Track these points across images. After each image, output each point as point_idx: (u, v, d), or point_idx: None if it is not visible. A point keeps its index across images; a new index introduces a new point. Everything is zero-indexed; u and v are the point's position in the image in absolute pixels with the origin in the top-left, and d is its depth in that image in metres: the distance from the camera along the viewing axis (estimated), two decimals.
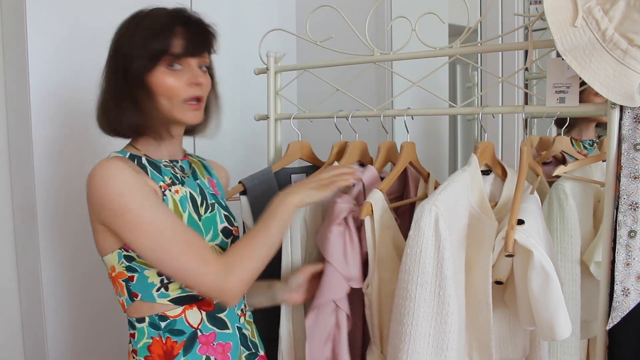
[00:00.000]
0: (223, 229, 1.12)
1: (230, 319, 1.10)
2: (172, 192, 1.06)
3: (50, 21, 1.51)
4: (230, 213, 1.18)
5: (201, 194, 1.13)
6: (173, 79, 1.03)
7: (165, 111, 1.05)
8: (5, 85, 1.57)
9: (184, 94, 1.04)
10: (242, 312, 1.15)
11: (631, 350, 0.99)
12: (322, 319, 1.15)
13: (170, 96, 1.03)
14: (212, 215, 1.12)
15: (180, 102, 1.04)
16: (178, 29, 1.03)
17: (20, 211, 1.58)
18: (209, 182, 1.19)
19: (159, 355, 1.04)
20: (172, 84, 1.03)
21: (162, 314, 1.04)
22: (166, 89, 1.03)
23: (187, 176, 1.13)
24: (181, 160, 1.15)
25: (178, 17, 1.05)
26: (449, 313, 0.97)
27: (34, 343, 1.60)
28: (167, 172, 1.09)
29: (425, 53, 1.25)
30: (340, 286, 1.14)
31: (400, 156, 1.25)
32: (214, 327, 1.07)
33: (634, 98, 0.94)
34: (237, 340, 1.10)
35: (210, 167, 1.24)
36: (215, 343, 1.07)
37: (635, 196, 0.98)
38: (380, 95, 1.84)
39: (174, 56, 1.02)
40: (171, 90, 1.03)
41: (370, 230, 1.13)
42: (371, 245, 1.14)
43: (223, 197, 1.22)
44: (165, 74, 1.03)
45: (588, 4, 0.95)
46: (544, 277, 0.95)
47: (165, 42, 1.02)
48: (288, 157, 1.44)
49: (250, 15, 2.05)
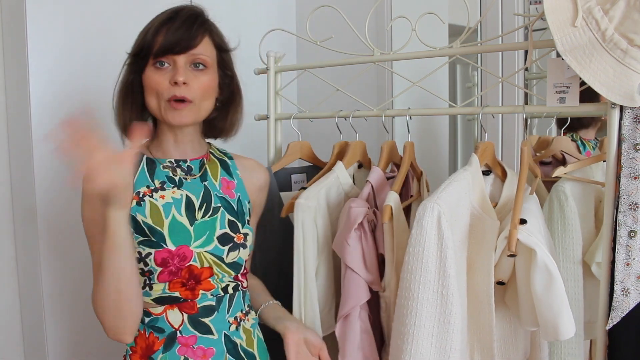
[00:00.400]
0: (221, 236, 1.08)
1: (217, 325, 1.08)
2: (155, 198, 1.06)
3: (50, 21, 1.50)
4: (240, 219, 1.12)
5: (203, 197, 1.10)
6: (157, 77, 1.03)
7: (155, 110, 1.06)
8: (5, 85, 1.56)
9: (165, 93, 1.03)
10: (234, 320, 1.11)
11: (631, 350, 0.99)
12: (351, 326, 1.13)
13: (156, 95, 1.04)
14: (210, 220, 1.08)
15: (164, 101, 1.04)
16: (165, 26, 1.03)
17: (20, 211, 1.58)
18: (221, 184, 1.14)
19: (142, 348, 1.06)
20: (156, 82, 1.03)
21: (147, 309, 1.06)
22: (150, 87, 1.04)
23: (192, 177, 1.11)
24: (192, 159, 1.12)
25: (169, 15, 1.05)
26: (452, 312, 0.96)
27: (34, 343, 1.60)
28: (163, 174, 1.09)
29: (425, 53, 1.25)
30: (364, 291, 1.14)
31: (405, 156, 1.25)
32: (196, 330, 1.06)
33: (634, 98, 0.94)
34: (222, 347, 1.08)
35: (235, 167, 1.19)
36: (195, 346, 1.06)
37: (635, 196, 0.97)
38: (380, 95, 1.84)
39: (155, 54, 1.03)
40: (155, 89, 1.04)
41: (389, 234, 1.12)
42: (389, 248, 1.13)
43: (240, 200, 1.15)
44: (151, 72, 1.04)
45: (588, 4, 0.95)
46: (548, 277, 0.94)
47: (149, 41, 1.03)
48: (288, 157, 1.43)
49: (250, 16, 2.05)
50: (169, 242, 1.03)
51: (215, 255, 1.07)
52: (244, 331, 1.13)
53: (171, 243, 1.03)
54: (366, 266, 1.14)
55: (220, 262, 1.07)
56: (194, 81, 1.04)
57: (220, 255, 1.07)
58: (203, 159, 1.14)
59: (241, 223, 1.12)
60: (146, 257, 1.02)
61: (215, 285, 1.08)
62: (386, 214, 1.10)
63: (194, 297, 1.06)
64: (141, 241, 1.03)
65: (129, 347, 1.08)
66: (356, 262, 1.13)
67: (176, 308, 1.06)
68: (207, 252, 1.06)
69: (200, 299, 1.06)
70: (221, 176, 1.15)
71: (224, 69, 1.12)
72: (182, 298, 1.05)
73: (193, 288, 1.06)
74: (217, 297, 1.08)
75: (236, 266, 1.10)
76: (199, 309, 1.06)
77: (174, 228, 1.05)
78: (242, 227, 1.12)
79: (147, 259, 1.02)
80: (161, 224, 1.04)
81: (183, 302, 1.06)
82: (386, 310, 1.14)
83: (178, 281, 1.04)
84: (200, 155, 1.14)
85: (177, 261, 1.03)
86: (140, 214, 1.04)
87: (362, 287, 1.13)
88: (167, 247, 1.03)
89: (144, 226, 1.04)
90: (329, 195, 1.25)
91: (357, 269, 1.13)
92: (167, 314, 1.06)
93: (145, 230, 1.04)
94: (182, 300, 1.06)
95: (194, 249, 1.05)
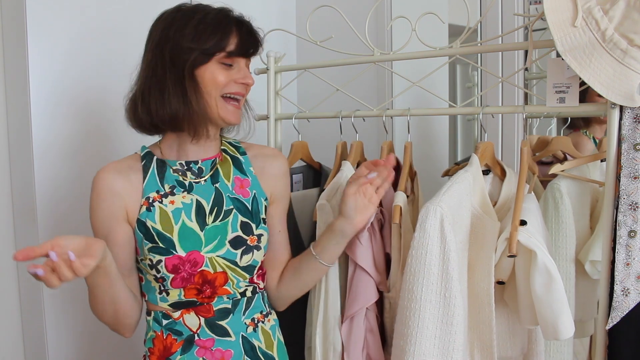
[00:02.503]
0: (233, 239, 1.07)
1: (234, 327, 1.08)
2: (165, 203, 1.06)
3: (50, 21, 1.50)
4: (254, 219, 1.11)
5: (214, 201, 1.08)
6: (224, 75, 1.04)
7: (208, 106, 1.04)
8: (5, 85, 1.56)
9: (228, 88, 1.05)
10: (251, 322, 1.11)
11: (631, 350, 0.99)
12: (357, 326, 1.13)
13: (213, 90, 1.04)
14: (222, 224, 1.07)
15: (219, 98, 1.05)
16: (234, 27, 1.05)
17: (20, 211, 1.58)
18: (234, 184, 1.12)
19: (159, 350, 1.07)
20: (223, 80, 1.04)
21: (165, 312, 1.07)
22: (216, 84, 1.04)
23: (203, 180, 1.10)
24: (203, 160, 1.11)
25: (232, 17, 1.06)
26: (454, 314, 0.96)
27: (34, 343, 1.60)
28: (173, 178, 1.08)
29: (425, 53, 1.25)
30: (373, 292, 1.14)
31: (406, 156, 1.25)
32: (213, 333, 1.06)
33: (633, 98, 0.94)
34: (240, 349, 1.08)
35: (248, 162, 1.16)
36: (213, 349, 1.06)
37: (635, 196, 0.98)
38: (380, 95, 1.84)
39: (229, 54, 1.04)
40: (220, 86, 1.04)
41: (397, 234, 1.13)
42: (397, 249, 1.13)
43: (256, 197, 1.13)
44: (217, 70, 1.04)
45: (588, 4, 0.95)
46: (547, 278, 0.95)
47: (222, 39, 1.03)
48: (293, 157, 1.44)
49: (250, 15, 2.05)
50: (179, 248, 1.03)
51: (228, 259, 1.06)
52: (263, 333, 1.12)
53: (181, 249, 1.03)
54: (376, 267, 1.14)
55: (235, 267, 1.06)
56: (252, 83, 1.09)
57: (234, 259, 1.06)
58: (215, 159, 1.13)
59: (255, 223, 1.11)
60: (157, 264, 1.03)
61: (232, 292, 1.08)
62: (396, 215, 1.10)
63: (210, 301, 1.06)
64: (150, 248, 1.03)
65: (148, 349, 1.09)
66: (368, 262, 1.13)
67: (193, 312, 1.06)
68: (219, 257, 1.05)
69: (216, 302, 1.07)
70: (234, 175, 1.13)
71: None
72: (198, 302, 1.06)
73: (210, 296, 1.06)
74: (233, 300, 1.09)
75: (251, 269, 1.09)
76: (215, 312, 1.07)
77: (184, 234, 1.04)
78: (257, 228, 1.10)
79: (158, 265, 1.03)
80: (171, 230, 1.04)
81: (199, 306, 1.06)
82: (390, 310, 1.14)
83: (193, 287, 1.04)
84: (213, 154, 1.13)
85: (188, 267, 1.03)
86: (150, 220, 1.04)
87: (372, 287, 1.13)
88: (177, 253, 1.02)
89: (153, 232, 1.04)
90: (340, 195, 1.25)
91: (368, 269, 1.13)
92: (184, 318, 1.06)
93: (154, 236, 1.03)
94: (198, 304, 1.06)
95: (205, 254, 1.04)
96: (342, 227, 1.09)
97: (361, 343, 1.13)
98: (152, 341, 1.08)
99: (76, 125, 1.57)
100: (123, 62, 1.58)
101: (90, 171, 1.58)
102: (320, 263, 1.12)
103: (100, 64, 1.60)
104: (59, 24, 1.53)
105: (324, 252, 1.12)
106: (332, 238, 1.11)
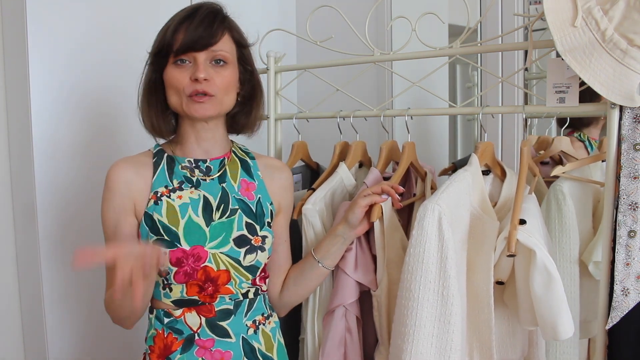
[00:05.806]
0: (237, 237, 1.08)
1: (235, 328, 1.08)
2: (172, 198, 1.07)
3: (50, 21, 1.50)
4: (259, 221, 1.11)
5: (221, 199, 1.09)
6: (178, 74, 1.04)
7: (177, 106, 1.07)
8: (5, 85, 1.56)
9: (186, 89, 1.04)
10: (253, 324, 1.11)
11: (631, 351, 0.99)
12: (334, 323, 1.15)
13: (177, 92, 1.05)
14: (227, 222, 1.08)
15: (186, 97, 1.05)
16: (184, 24, 1.04)
17: (20, 211, 1.58)
18: (240, 186, 1.13)
19: (159, 348, 1.07)
20: (177, 79, 1.04)
21: (167, 310, 1.07)
22: (172, 84, 1.05)
23: (210, 178, 1.11)
24: (212, 159, 1.12)
25: (188, 12, 1.06)
26: (452, 313, 0.96)
27: (34, 343, 1.60)
28: (181, 174, 1.09)
29: (425, 53, 1.25)
30: (350, 291, 1.15)
31: (403, 156, 1.25)
32: (213, 334, 1.07)
33: (633, 98, 0.94)
34: (240, 350, 1.08)
35: (256, 167, 1.17)
36: (213, 349, 1.07)
37: (634, 196, 0.98)
38: (380, 95, 1.84)
39: (175, 52, 1.04)
40: (176, 86, 1.05)
41: (380, 232, 1.13)
42: (380, 247, 1.14)
43: (261, 201, 1.14)
44: (172, 70, 1.05)
45: (588, 4, 0.95)
46: (547, 277, 0.95)
47: (169, 39, 1.04)
48: (294, 157, 1.44)
49: (250, 16, 2.05)
50: (184, 241, 1.04)
51: (232, 257, 1.07)
52: (263, 335, 1.12)
53: (185, 243, 1.04)
54: (357, 267, 1.15)
55: (238, 265, 1.07)
56: (215, 77, 1.05)
57: (237, 258, 1.07)
58: (224, 159, 1.14)
59: (259, 225, 1.11)
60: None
61: (234, 291, 1.08)
62: (375, 214, 1.11)
63: (212, 301, 1.06)
64: (155, 240, 1.04)
65: (148, 347, 1.10)
66: (346, 262, 1.15)
67: (194, 311, 1.06)
68: (222, 254, 1.06)
69: (218, 302, 1.07)
70: (241, 177, 1.14)
71: (244, 64, 1.13)
72: (200, 301, 1.06)
73: (212, 295, 1.06)
74: (235, 301, 1.09)
75: (254, 269, 1.09)
76: (217, 312, 1.07)
77: (190, 228, 1.05)
78: (261, 230, 1.11)
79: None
80: (177, 224, 1.05)
81: (201, 305, 1.06)
82: (378, 309, 1.14)
83: (195, 284, 1.04)
84: (222, 154, 1.14)
85: (191, 261, 1.03)
86: (157, 213, 1.05)
87: (350, 287, 1.15)
88: (181, 246, 1.03)
89: (159, 225, 1.05)
90: (334, 198, 1.27)
91: (346, 269, 1.15)
92: (185, 317, 1.06)
93: (160, 229, 1.05)
94: (200, 304, 1.06)
95: (209, 250, 1.05)
96: (344, 233, 1.14)
97: (337, 339, 1.15)
98: (153, 339, 1.08)
99: (76, 125, 1.57)
100: (123, 62, 1.59)
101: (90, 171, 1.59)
102: (322, 267, 1.16)
103: (100, 64, 1.60)
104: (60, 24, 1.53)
105: (327, 257, 1.16)
106: (335, 243, 1.15)
